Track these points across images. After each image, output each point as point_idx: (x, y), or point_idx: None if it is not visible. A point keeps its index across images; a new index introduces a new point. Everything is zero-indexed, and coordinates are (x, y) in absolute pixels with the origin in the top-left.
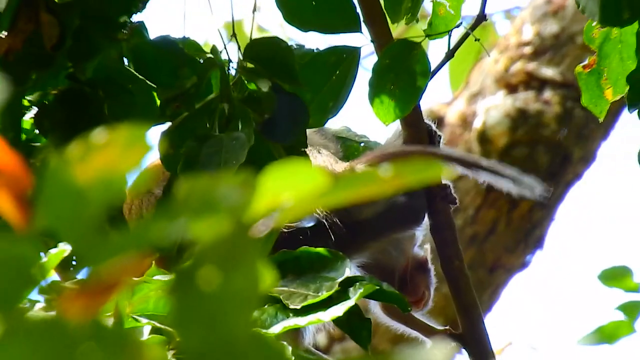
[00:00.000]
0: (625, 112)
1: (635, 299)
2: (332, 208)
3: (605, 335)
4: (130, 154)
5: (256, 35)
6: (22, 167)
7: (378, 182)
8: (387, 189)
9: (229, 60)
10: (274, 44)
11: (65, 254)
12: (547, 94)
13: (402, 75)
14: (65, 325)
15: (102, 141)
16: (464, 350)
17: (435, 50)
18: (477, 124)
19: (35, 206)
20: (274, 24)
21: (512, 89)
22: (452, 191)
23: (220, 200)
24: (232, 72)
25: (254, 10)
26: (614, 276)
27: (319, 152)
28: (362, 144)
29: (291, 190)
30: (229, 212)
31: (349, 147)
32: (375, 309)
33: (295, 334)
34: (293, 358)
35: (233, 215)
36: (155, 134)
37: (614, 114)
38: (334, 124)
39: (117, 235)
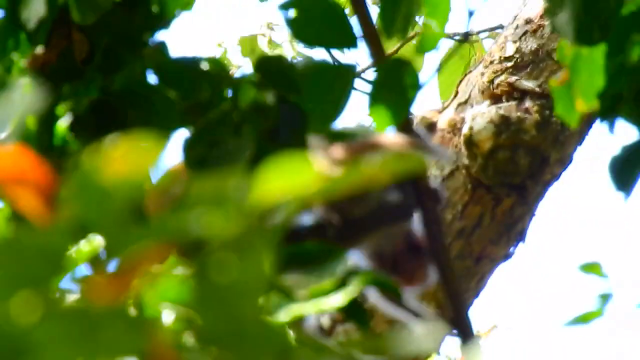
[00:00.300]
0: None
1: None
2: (327, 206)
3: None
4: (145, 157)
5: (267, 50)
6: (44, 166)
7: (369, 177)
8: (377, 181)
9: (242, 75)
10: (279, 61)
11: (95, 246)
12: (528, 104)
13: (395, 88)
14: (92, 309)
15: (120, 144)
16: (453, 332)
17: (428, 65)
18: (465, 130)
19: (58, 203)
20: (285, 39)
21: (496, 99)
22: (441, 190)
23: (230, 195)
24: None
25: (268, 27)
26: (591, 268)
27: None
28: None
29: (287, 184)
30: (238, 206)
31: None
32: (371, 295)
33: (298, 320)
34: (294, 342)
35: (242, 210)
36: (176, 139)
37: (587, 121)
38: (350, 123)
39: (140, 228)
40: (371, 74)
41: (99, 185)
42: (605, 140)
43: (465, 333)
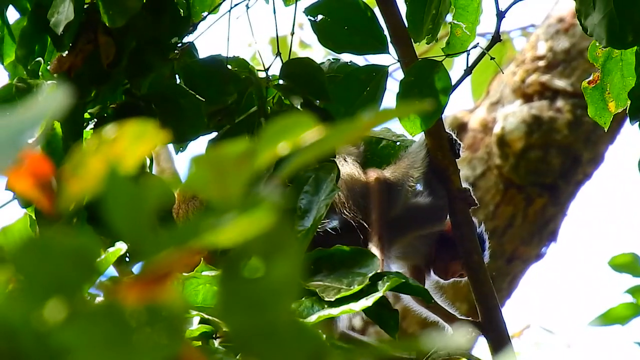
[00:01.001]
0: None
1: None
2: (358, 211)
3: (616, 317)
4: (139, 146)
5: (297, 50)
6: (43, 158)
7: (362, 127)
8: (368, 131)
9: (267, 77)
10: (307, 64)
11: (122, 252)
12: (559, 103)
13: (426, 91)
14: (122, 311)
15: (114, 134)
16: (483, 337)
17: (459, 64)
18: (497, 130)
19: (59, 196)
20: (315, 40)
21: (528, 98)
22: (472, 193)
23: (260, 195)
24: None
25: (292, 32)
26: (623, 262)
27: (345, 160)
28: (397, 143)
29: (287, 138)
30: (269, 207)
31: (385, 147)
32: (403, 295)
33: (330, 322)
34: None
35: (274, 210)
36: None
37: (619, 120)
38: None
39: (167, 232)
40: (400, 76)
41: (131, 190)
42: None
43: (496, 335)
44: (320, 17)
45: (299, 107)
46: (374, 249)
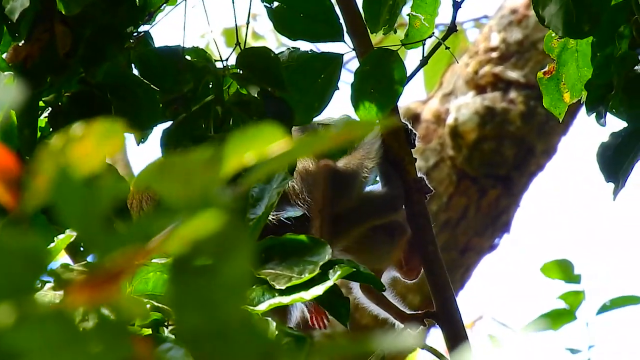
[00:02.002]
0: (583, 111)
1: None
2: (311, 202)
3: (549, 323)
4: (107, 144)
5: (251, 41)
6: (8, 155)
7: (328, 141)
8: (335, 144)
9: (225, 67)
10: (263, 53)
11: (71, 240)
12: (512, 94)
13: (381, 80)
14: (72, 314)
15: (82, 132)
16: (438, 327)
17: (412, 55)
18: (450, 121)
19: (24, 191)
20: (269, 31)
21: (480, 89)
22: (427, 182)
23: (212, 194)
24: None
25: (248, 22)
26: (555, 269)
27: None
28: None
29: (254, 149)
30: (220, 205)
31: None
32: (355, 290)
33: (283, 312)
34: (277, 333)
35: (226, 209)
36: (158, 132)
37: (572, 112)
38: (334, 114)
39: (122, 227)
40: (356, 65)
41: (77, 183)
42: (590, 131)
43: (451, 325)
44: (276, 4)
45: (255, 95)
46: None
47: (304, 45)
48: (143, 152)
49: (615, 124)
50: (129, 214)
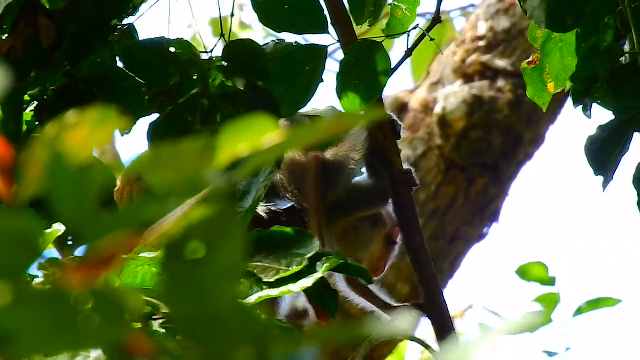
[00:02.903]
0: (571, 100)
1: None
2: (300, 194)
3: (525, 325)
4: (100, 132)
5: (238, 31)
6: (5, 146)
7: (321, 131)
8: (328, 135)
9: (210, 59)
10: (249, 46)
11: (60, 233)
12: (500, 83)
13: (366, 71)
14: (66, 295)
15: (76, 120)
16: (427, 318)
17: (399, 45)
18: (438, 110)
19: (18, 181)
20: (256, 21)
21: (468, 78)
22: (414, 175)
23: (204, 179)
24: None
25: (232, 14)
26: (531, 272)
27: None
28: None
29: (247, 141)
30: (212, 190)
31: None
32: (339, 283)
33: (273, 304)
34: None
35: (218, 195)
36: (144, 125)
37: (560, 100)
38: (320, 105)
39: (110, 215)
40: (341, 56)
41: (71, 171)
42: (579, 120)
43: (439, 316)
44: None
45: (241, 88)
46: (313, 230)
47: (290, 37)
48: (132, 142)
49: (602, 114)
50: (116, 206)
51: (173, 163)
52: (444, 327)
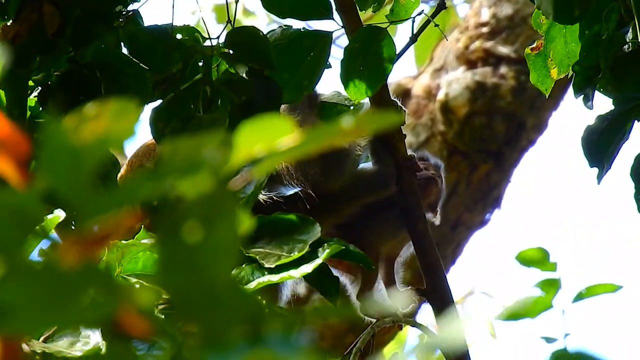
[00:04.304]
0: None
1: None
2: (305, 182)
3: (526, 311)
4: (121, 123)
5: (242, 18)
6: (19, 134)
7: (342, 133)
8: (349, 137)
9: (212, 45)
10: (252, 32)
11: (61, 219)
12: (503, 69)
13: (370, 58)
14: (61, 270)
15: (96, 111)
16: (429, 304)
17: (403, 31)
18: (441, 96)
19: (33, 170)
20: (260, 7)
21: (471, 64)
22: (417, 161)
23: (202, 158)
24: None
25: (237, 0)
26: (531, 257)
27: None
28: (351, 107)
29: (264, 142)
30: (210, 170)
31: (339, 111)
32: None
33: (274, 290)
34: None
35: (214, 173)
36: (147, 111)
37: (562, 86)
38: (325, 90)
39: (109, 192)
40: (346, 42)
41: (70, 150)
42: (580, 107)
43: (440, 302)
44: None
45: (244, 75)
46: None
47: (296, 24)
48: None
49: (603, 105)
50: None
51: (189, 157)
52: (446, 313)
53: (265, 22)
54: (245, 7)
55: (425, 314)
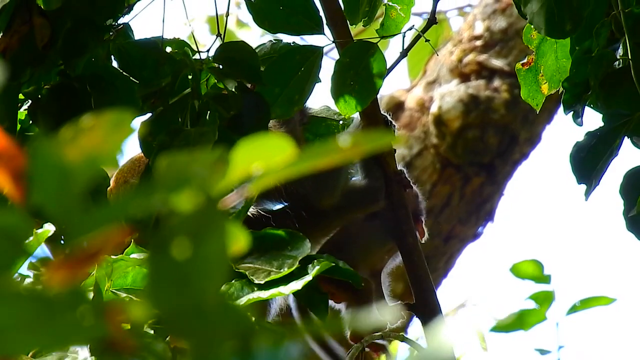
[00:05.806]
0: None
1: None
2: (295, 199)
3: (519, 323)
4: (114, 137)
5: (235, 29)
6: (16, 148)
7: (338, 152)
8: (345, 157)
9: (202, 59)
10: (241, 47)
11: (50, 234)
12: (496, 83)
13: (361, 72)
14: (48, 292)
15: (89, 125)
16: (417, 318)
17: (394, 44)
18: (434, 109)
19: (28, 184)
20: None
21: (465, 77)
22: (406, 175)
23: (192, 174)
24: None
25: (228, 13)
26: (525, 270)
27: None
28: (340, 122)
29: (261, 160)
30: (199, 186)
31: (328, 125)
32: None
33: (262, 305)
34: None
35: (204, 190)
36: (136, 124)
37: (556, 100)
38: (314, 104)
39: (98, 209)
40: (337, 55)
41: (60, 167)
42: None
43: (430, 317)
44: None
45: (232, 90)
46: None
47: (287, 37)
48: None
49: (592, 121)
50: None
51: (179, 173)
52: (435, 327)
53: (258, 33)
54: (238, 19)
55: (417, 327)
